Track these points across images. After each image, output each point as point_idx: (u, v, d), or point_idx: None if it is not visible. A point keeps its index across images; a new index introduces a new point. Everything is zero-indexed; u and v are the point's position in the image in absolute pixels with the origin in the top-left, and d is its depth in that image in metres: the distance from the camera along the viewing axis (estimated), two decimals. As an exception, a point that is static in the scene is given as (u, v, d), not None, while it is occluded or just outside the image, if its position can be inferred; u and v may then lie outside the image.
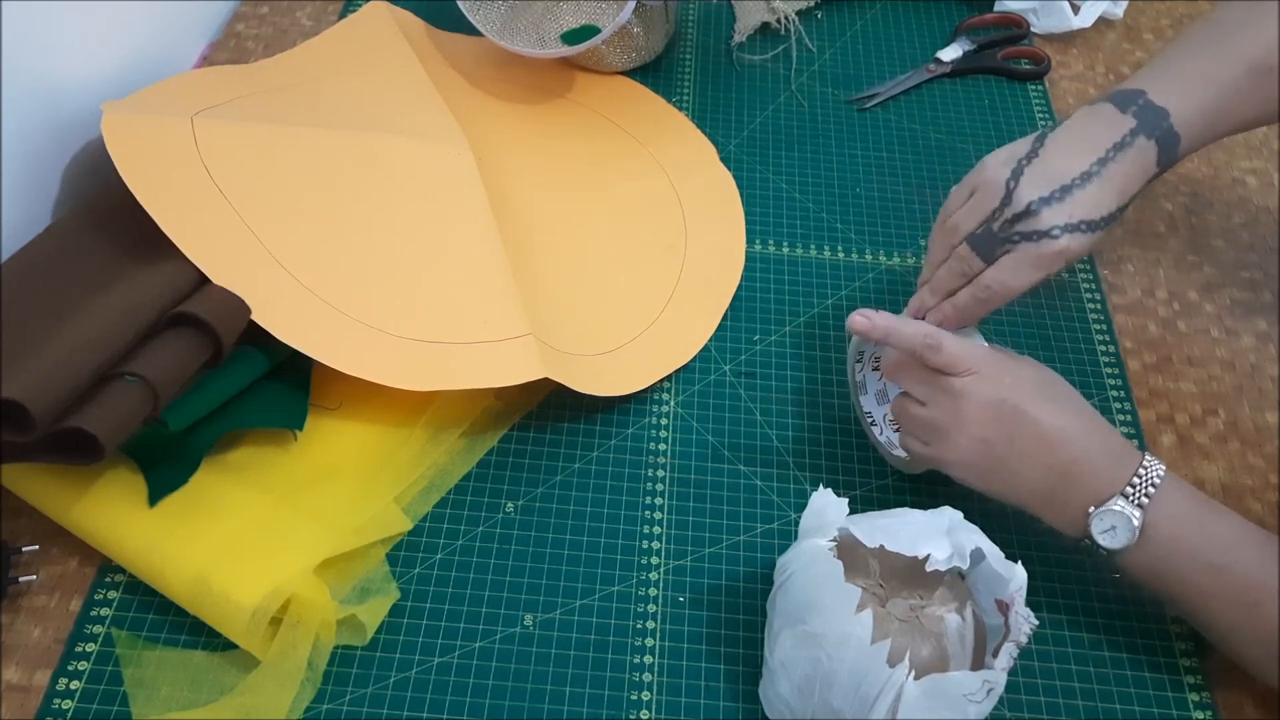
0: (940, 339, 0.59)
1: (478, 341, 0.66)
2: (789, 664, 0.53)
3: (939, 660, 0.54)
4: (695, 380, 0.72)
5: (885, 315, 0.61)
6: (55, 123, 0.72)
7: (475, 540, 0.64)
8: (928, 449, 0.61)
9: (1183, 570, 0.56)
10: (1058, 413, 0.59)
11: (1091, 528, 0.57)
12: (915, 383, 0.61)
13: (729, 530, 0.65)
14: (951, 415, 0.59)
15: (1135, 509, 0.56)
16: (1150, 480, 0.57)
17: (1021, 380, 0.59)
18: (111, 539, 0.59)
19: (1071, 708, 0.59)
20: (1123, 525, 0.56)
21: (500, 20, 0.88)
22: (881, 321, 0.61)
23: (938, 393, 0.60)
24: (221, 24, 0.94)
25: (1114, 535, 0.57)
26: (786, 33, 0.96)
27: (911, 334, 0.60)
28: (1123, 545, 0.56)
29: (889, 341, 0.61)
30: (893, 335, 0.60)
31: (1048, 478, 0.58)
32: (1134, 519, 0.56)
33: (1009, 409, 0.58)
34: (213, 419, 0.62)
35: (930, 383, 0.60)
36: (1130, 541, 0.56)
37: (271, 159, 0.70)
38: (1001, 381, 0.59)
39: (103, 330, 0.58)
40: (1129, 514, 0.56)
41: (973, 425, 0.59)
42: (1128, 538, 0.56)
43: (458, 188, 0.74)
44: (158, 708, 0.56)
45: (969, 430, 0.59)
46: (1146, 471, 0.57)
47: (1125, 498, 0.56)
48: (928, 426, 0.61)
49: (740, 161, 0.86)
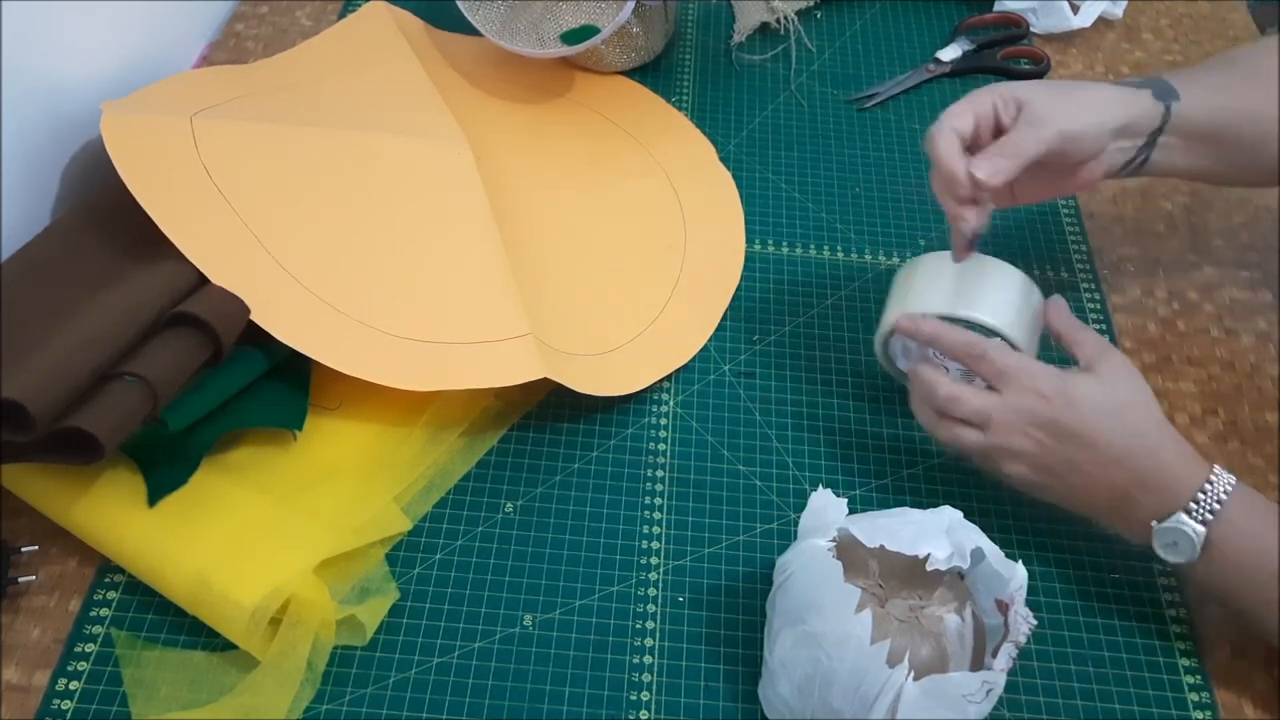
0: (984, 348, 0.59)
1: (477, 341, 0.66)
2: (788, 664, 0.53)
3: (939, 660, 0.55)
4: (695, 380, 0.72)
5: (932, 322, 0.61)
6: (55, 122, 0.72)
7: (475, 540, 0.64)
8: (986, 464, 0.61)
9: (1249, 584, 0.56)
10: (1119, 434, 0.57)
11: (1155, 542, 0.57)
12: (965, 411, 0.59)
13: (729, 530, 0.65)
14: (1002, 435, 0.58)
15: (1199, 525, 0.55)
16: (1216, 496, 0.55)
17: (1080, 403, 0.57)
18: (111, 539, 0.59)
19: (1071, 708, 0.59)
20: (1185, 542, 0.56)
21: (500, 20, 0.88)
22: (928, 329, 0.61)
23: (990, 415, 0.59)
24: (221, 24, 0.94)
25: (1176, 550, 0.56)
26: (786, 33, 0.96)
27: (955, 341, 0.60)
28: (1185, 560, 0.56)
29: (929, 342, 0.61)
30: (938, 339, 0.60)
31: (1111, 495, 0.58)
32: (1196, 536, 0.55)
33: (1066, 432, 0.57)
34: (212, 419, 0.62)
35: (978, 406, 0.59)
36: (1193, 558, 0.56)
37: (271, 159, 0.71)
38: (1059, 403, 0.57)
39: (103, 330, 0.58)
40: (1191, 530, 0.55)
41: (1025, 443, 0.58)
42: (1190, 554, 0.56)
43: (457, 187, 0.74)
44: (157, 708, 0.56)
45: (1021, 447, 0.58)
46: (1213, 486, 0.56)
47: (1189, 514, 0.55)
48: (985, 448, 0.59)
49: (740, 161, 0.86)
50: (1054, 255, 0.81)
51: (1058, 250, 0.81)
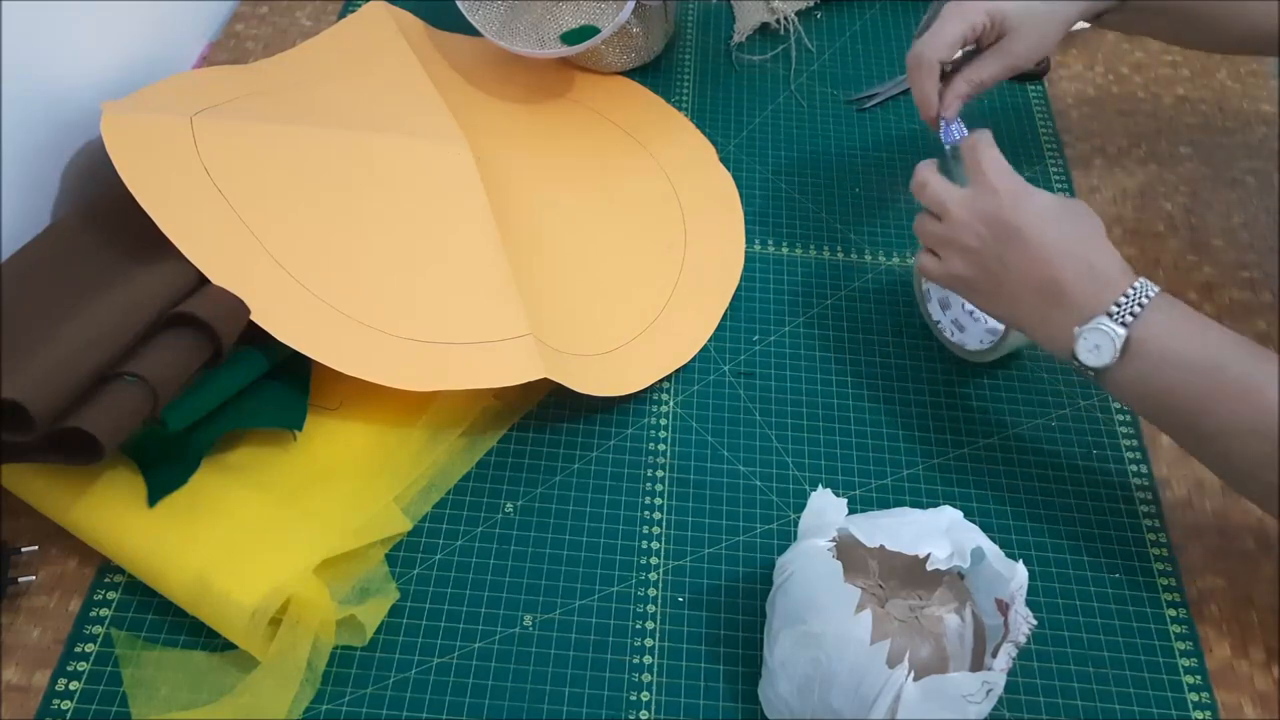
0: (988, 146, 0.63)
1: (477, 341, 0.66)
2: (788, 664, 0.53)
3: (938, 661, 0.55)
4: (695, 380, 0.72)
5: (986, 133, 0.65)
6: (55, 123, 0.72)
7: (475, 540, 0.64)
8: (939, 266, 0.64)
9: (1173, 382, 0.57)
10: (1053, 234, 0.60)
11: (1077, 347, 0.58)
12: (929, 198, 0.64)
13: (729, 530, 0.65)
14: (951, 227, 0.63)
15: (1119, 326, 0.57)
16: (1138, 300, 0.57)
17: (1029, 204, 0.61)
18: (111, 539, 0.59)
19: (1071, 708, 0.59)
20: (1105, 344, 0.57)
21: (500, 20, 0.88)
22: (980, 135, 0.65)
23: (946, 205, 0.63)
24: (221, 24, 0.94)
25: (1098, 354, 0.58)
26: (786, 33, 0.96)
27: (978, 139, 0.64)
28: (1105, 363, 0.57)
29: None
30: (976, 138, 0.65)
31: (1036, 298, 0.60)
32: (1116, 336, 0.57)
33: (1004, 224, 0.61)
34: (212, 419, 0.62)
35: (941, 196, 0.64)
36: (1113, 359, 0.57)
37: (271, 159, 0.71)
38: (1004, 200, 0.61)
39: (103, 330, 0.58)
40: (1111, 331, 0.57)
41: (968, 237, 0.62)
42: (1110, 355, 0.57)
43: (457, 188, 0.74)
44: (157, 708, 0.56)
45: (965, 241, 0.62)
46: (1135, 291, 0.58)
47: (1110, 316, 0.57)
48: (937, 239, 0.64)
49: (740, 161, 0.86)
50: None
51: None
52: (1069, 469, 0.68)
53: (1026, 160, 0.87)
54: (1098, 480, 0.68)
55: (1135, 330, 0.57)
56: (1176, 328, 0.57)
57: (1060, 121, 0.91)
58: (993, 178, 0.62)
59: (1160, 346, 0.57)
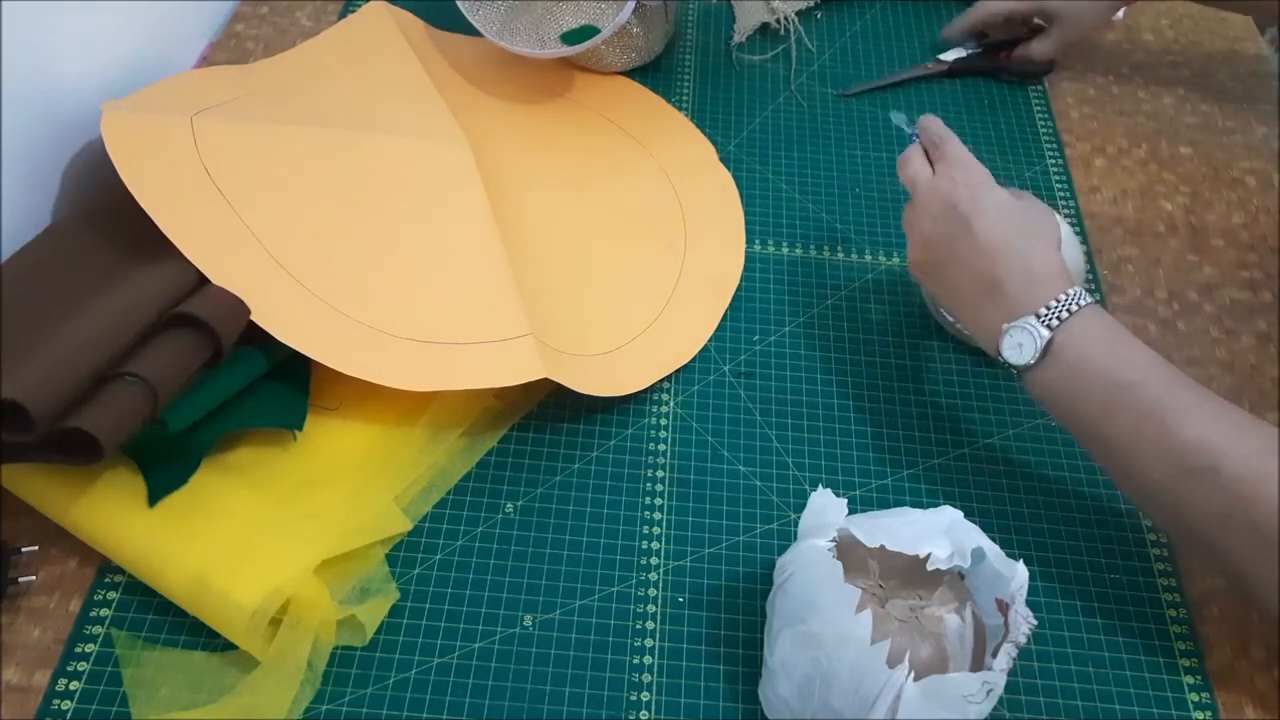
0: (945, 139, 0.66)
1: (478, 341, 0.66)
2: (789, 664, 0.53)
3: (939, 661, 0.55)
4: (695, 380, 0.72)
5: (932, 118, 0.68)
6: (55, 123, 0.72)
7: (475, 540, 0.64)
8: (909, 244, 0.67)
9: (1087, 390, 0.58)
10: (1001, 231, 0.62)
11: (1002, 343, 0.60)
12: (906, 176, 0.67)
13: (729, 530, 0.65)
14: (915, 209, 0.65)
15: (1044, 329, 0.59)
16: (1068, 306, 0.59)
17: (984, 197, 0.63)
18: (111, 539, 0.59)
19: (1071, 708, 0.59)
20: (1028, 343, 0.59)
21: (500, 21, 0.88)
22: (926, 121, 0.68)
23: (916, 186, 0.66)
24: (221, 24, 0.94)
25: (1019, 352, 0.60)
26: (786, 33, 0.96)
27: (932, 129, 0.67)
28: (1025, 362, 0.59)
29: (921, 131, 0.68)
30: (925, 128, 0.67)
31: (976, 289, 0.62)
32: (1038, 337, 0.59)
33: (958, 215, 0.63)
34: (213, 419, 0.62)
35: (914, 177, 0.66)
36: (1033, 359, 0.59)
37: (271, 159, 0.71)
38: (961, 192, 0.63)
39: (103, 330, 0.58)
40: (1035, 332, 0.59)
41: (926, 221, 0.64)
42: (1031, 355, 0.59)
43: (457, 188, 0.74)
44: (158, 708, 0.56)
45: (922, 226, 0.65)
46: (1067, 298, 0.59)
47: (1037, 318, 0.59)
48: (905, 219, 0.67)
49: (740, 161, 0.86)
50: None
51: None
52: (1069, 469, 0.68)
53: (1027, 160, 0.87)
54: (1098, 480, 0.68)
55: (1059, 335, 0.59)
56: (1099, 338, 0.59)
57: (1060, 121, 0.91)
58: (955, 168, 0.64)
59: (1079, 353, 0.58)
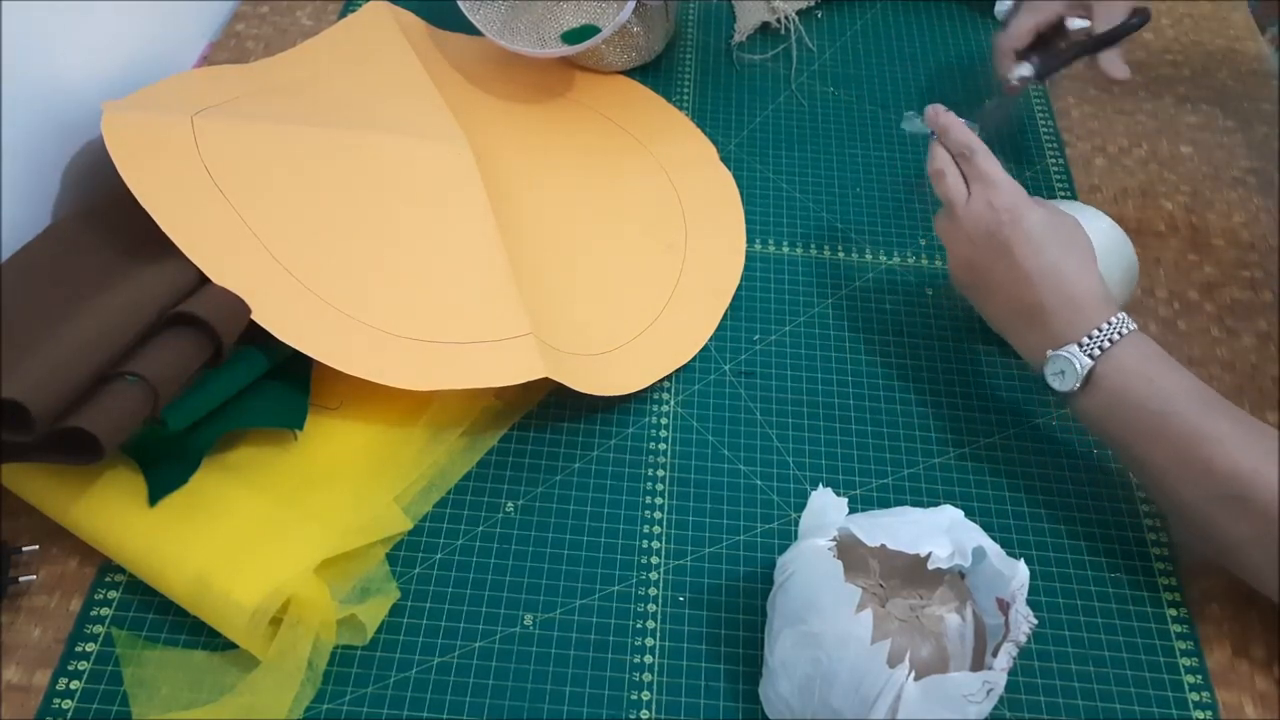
0: (974, 149, 0.66)
1: (478, 341, 0.66)
2: (789, 664, 0.53)
3: (939, 660, 0.55)
4: (695, 380, 0.72)
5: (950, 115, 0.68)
6: (55, 123, 0.72)
7: (475, 540, 0.64)
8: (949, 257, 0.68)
9: (1126, 417, 0.59)
10: (1042, 258, 0.62)
11: (1045, 369, 0.62)
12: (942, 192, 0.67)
13: (729, 530, 0.65)
14: (955, 228, 0.66)
15: (1086, 358, 0.60)
16: (1111, 335, 0.60)
17: (1022, 222, 0.63)
18: (111, 539, 0.59)
19: (1071, 708, 0.59)
20: (1070, 371, 0.60)
21: (500, 20, 0.88)
22: (944, 119, 0.68)
23: (954, 206, 0.66)
24: (221, 24, 0.94)
25: (1062, 379, 0.61)
26: (786, 32, 0.96)
27: (957, 137, 0.67)
28: (1068, 390, 0.61)
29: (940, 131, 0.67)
30: (947, 131, 0.67)
31: (1016, 313, 0.64)
32: (1080, 366, 0.60)
33: (998, 242, 0.63)
34: (213, 419, 0.62)
35: (950, 196, 0.66)
36: (1075, 387, 0.60)
37: (272, 158, 0.71)
38: (1001, 217, 0.63)
39: (103, 330, 0.58)
40: (1077, 361, 0.60)
41: (964, 244, 0.65)
42: (1073, 383, 0.60)
43: (458, 187, 0.74)
44: (158, 708, 0.56)
45: (960, 248, 0.66)
46: (1110, 326, 0.60)
47: (1080, 346, 0.60)
48: (944, 234, 0.67)
49: (740, 161, 0.86)
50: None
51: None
52: (1069, 469, 0.68)
53: (1026, 160, 0.87)
54: (1098, 480, 0.68)
55: (1101, 364, 0.60)
56: (1139, 369, 0.59)
57: (1060, 121, 0.91)
58: (991, 190, 0.64)
59: (1120, 384, 0.59)
